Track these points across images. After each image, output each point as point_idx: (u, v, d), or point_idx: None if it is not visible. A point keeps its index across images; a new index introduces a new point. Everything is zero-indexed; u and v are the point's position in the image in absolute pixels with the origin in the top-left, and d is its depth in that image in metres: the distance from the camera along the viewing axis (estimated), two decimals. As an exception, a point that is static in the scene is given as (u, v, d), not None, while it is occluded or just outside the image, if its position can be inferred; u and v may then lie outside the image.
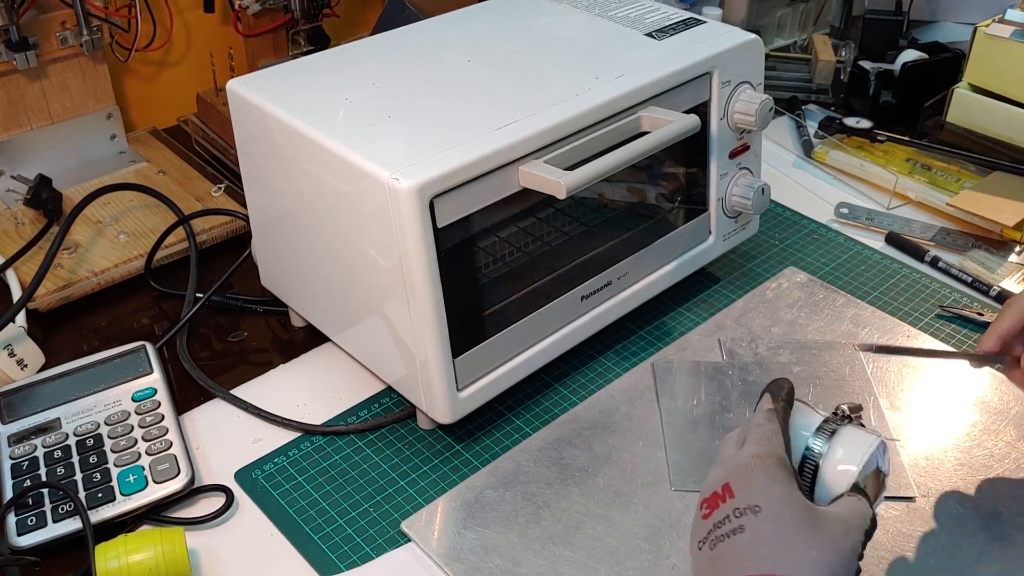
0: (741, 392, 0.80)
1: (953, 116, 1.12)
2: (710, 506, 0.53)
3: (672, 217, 0.85)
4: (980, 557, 0.66)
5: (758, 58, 0.84)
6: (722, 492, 0.53)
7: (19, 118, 1.00)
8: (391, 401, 0.80)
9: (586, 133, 0.73)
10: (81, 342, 0.87)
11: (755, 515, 0.50)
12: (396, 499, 0.72)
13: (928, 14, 1.39)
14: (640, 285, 0.83)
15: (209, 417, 0.79)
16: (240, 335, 0.88)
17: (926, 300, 0.91)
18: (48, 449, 0.73)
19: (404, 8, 1.06)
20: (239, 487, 0.73)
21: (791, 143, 1.17)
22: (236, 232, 0.98)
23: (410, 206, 0.64)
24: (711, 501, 0.53)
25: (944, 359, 0.83)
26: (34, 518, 0.68)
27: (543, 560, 0.66)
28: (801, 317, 0.88)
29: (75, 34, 0.99)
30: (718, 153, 0.84)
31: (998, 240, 0.98)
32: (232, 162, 1.07)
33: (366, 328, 0.75)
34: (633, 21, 0.86)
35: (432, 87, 0.76)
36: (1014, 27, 1.06)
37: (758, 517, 0.50)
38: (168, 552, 0.63)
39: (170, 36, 1.14)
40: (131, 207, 1.00)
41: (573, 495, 0.71)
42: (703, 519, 0.53)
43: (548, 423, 0.77)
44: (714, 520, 0.52)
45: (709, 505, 0.53)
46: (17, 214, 0.98)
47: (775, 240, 0.99)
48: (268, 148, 0.76)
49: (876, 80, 1.19)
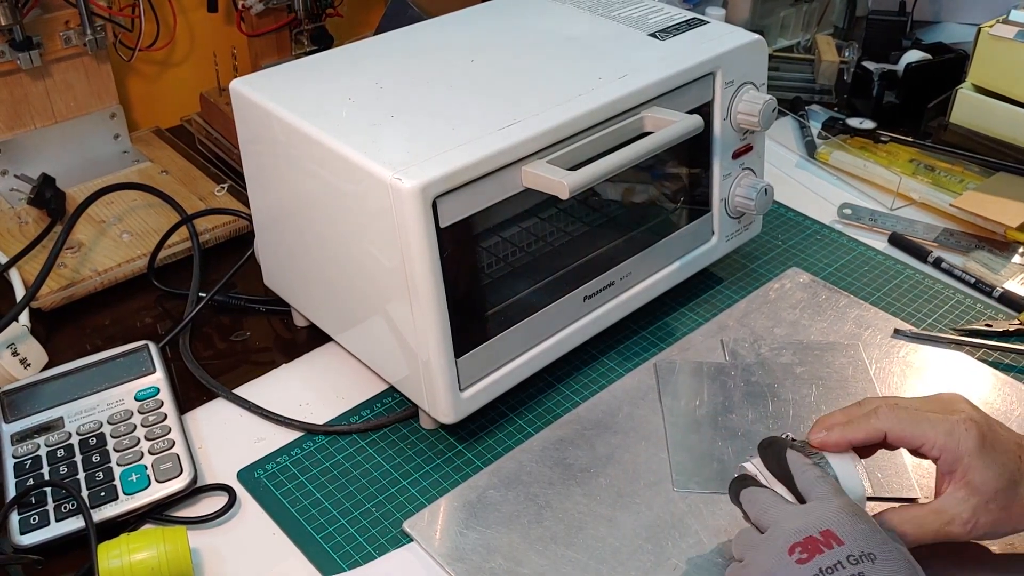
0: (744, 393, 0.80)
1: (957, 117, 1.12)
2: (808, 551, 0.54)
3: (675, 217, 0.85)
4: (981, 558, 0.66)
5: (761, 58, 0.84)
6: (823, 538, 0.54)
7: (23, 117, 1.00)
8: (393, 401, 0.80)
9: (589, 133, 0.73)
10: (84, 341, 0.88)
11: (872, 563, 0.53)
12: (398, 499, 0.72)
13: (932, 15, 1.39)
14: (643, 285, 0.83)
15: (212, 416, 0.79)
16: (243, 335, 0.88)
17: (929, 301, 0.91)
18: (51, 448, 0.73)
19: (407, 8, 1.06)
20: (241, 486, 0.73)
21: (794, 144, 1.17)
22: (239, 232, 0.99)
23: (413, 206, 0.64)
24: (808, 545, 0.54)
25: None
26: (37, 517, 0.68)
27: (545, 560, 0.66)
28: (804, 318, 0.88)
29: (79, 34, 0.99)
30: (721, 153, 0.84)
31: (1001, 241, 0.98)
32: (235, 162, 1.07)
33: (368, 328, 0.75)
34: (636, 21, 0.86)
35: (435, 87, 0.76)
36: (1018, 28, 1.06)
37: (875, 565, 0.53)
38: (170, 551, 0.63)
39: (174, 36, 1.15)
40: (134, 206, 1.00)
41: (575, 495, 0.71)
42: (798, 563, 0.54)
43: (550, 423, 0.77)
44: (819, 565, 0.53)
45: (807, 550, 0.54)
46: (20, 213, 0.98)
47: (778, 241, 0.99)
48: (271, 148, 0.76)
49: (879, 81, 1.19)
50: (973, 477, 0.59)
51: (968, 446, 0.59)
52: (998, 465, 0.59)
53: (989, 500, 0.59)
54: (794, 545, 0.54)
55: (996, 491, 0.59)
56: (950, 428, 0.60)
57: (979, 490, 0.59)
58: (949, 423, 0.60)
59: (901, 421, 0.61)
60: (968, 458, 0.59)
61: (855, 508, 0.56)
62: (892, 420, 0.61)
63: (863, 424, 0.61)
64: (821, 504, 0.57)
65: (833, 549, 0.53)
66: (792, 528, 0.55)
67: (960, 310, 0.90)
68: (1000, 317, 0.88)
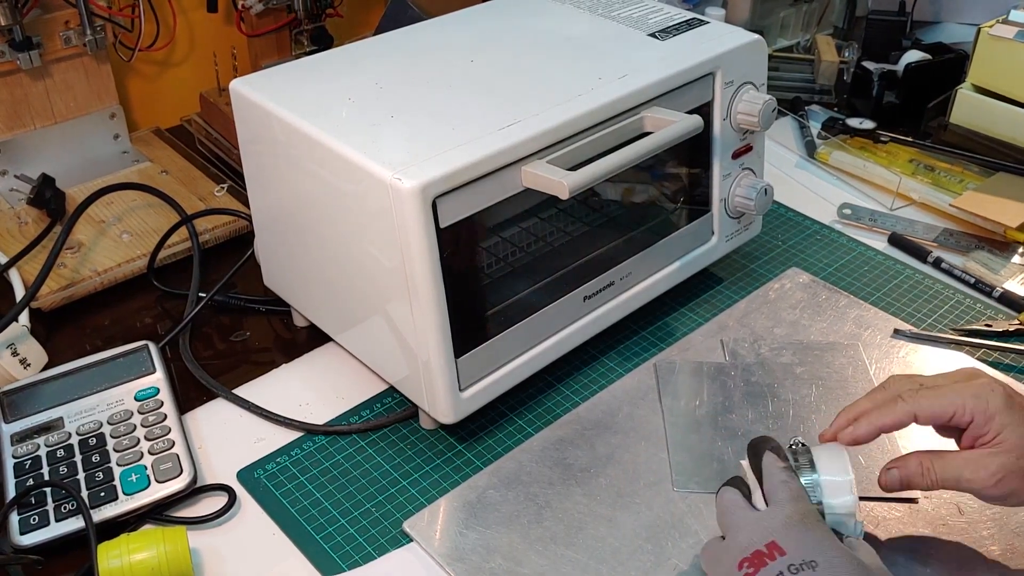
0: (744, 393, 0.80)
1: (956, 117, 1.12)
2: (754, 565, 0.54)
3: (675, 218, 0.85)
4: (982, 559, 0.66)
5: (761, 59, 0.84)
6: (767, 550, 0.55)
7: (23, 118, 1.00)
8: (393, 401, 0.80)
9: (589, 133, 0.73)
10: (84, 341, 0.88)
11: (812, 570, 0.53)
12: (398, 499, 0.72)
13: (931, 15, 1.39)
14: (643, 286, 0.83)
15: (211, 417, 0.79)
16: (243, 335, 0.88)
17: (929, 301, 0.91)
18: (51, 448, 0.73)
19: (407, 8, 1.06)
20: (241, 486, 0.73)
21: (794, 144, 1.17)
22: (239, 232, 0.99)
23: (413, 206, 0.64)
24: (755, 560, 0.55)
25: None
26: (37, 517, 0.68)
27: (545, 560, 0.66)
28: (804, 318, 0.88)
29: (79, 34, 0.99)
30: (721, 154, 0.84)
31: (1001, 241, 0.98)
32: (235, 162, 1.07)
33: (368, 328, 0.75)
34: (636, 21, 0.86)
35: (435, 87, 0.76)
36: (1018, 28, 1.06)
37: (816, 572, 0.53)
38: (170, 551, 0.63)
39: (173, 36, 1.15)
40: (134, 207, 1.00)
41: (575, 495, 0.71)
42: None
43: (550, 423, 0.77)
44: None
45: (753, 564, 0.55)
46: (20, 213, 0.98)
47: (778, 241, 0.99)
48: (271, 148, 0.76)
49: (879, 81, 1.19)
50: (1005, 433, 0.60)
51: (997, 404, 0.60)
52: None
53: (1020, 456, 0.60)
54: (742, 560, 0.55)
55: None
56: (976, 391, 0.61)
57: (1012, 446, 0.60)
58: (974, 387, 0.61)
59: (928, 398, 0.62)
60: (999, 416, 0.60)
61: (805, 515, 0.56)
62: (919, 400, 0.62)
63: (890, 410, 0.62)
64: (772, 512, 0.57)
65: (776, 560, 0.54)
66: (742, 542, 0.57)
67: (960, 310, 0.90)
68: (1000, 317, 0.88)
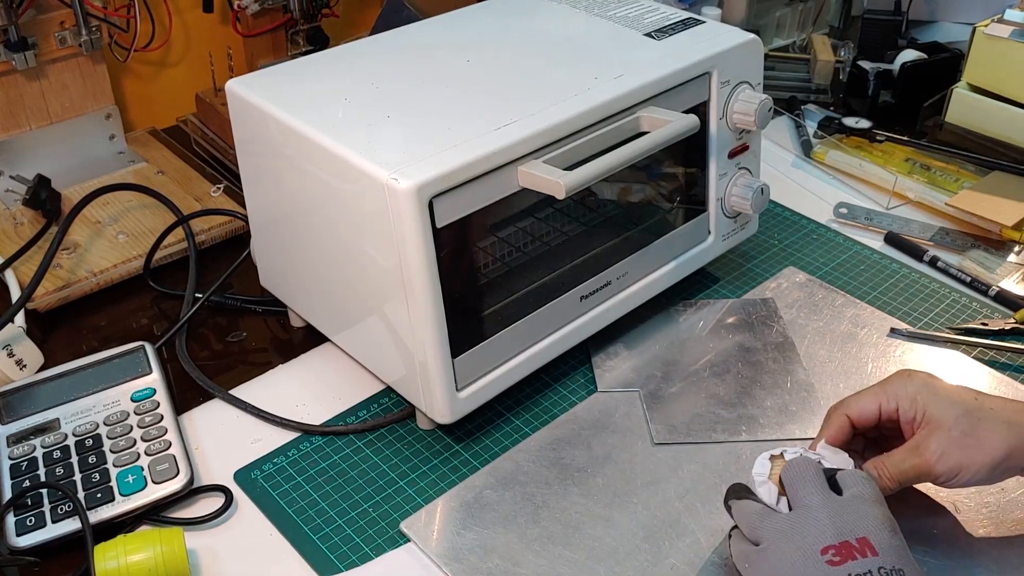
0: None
1: (952, 116, 1.12)
2: (841, 555, 0.54)
3: (671, 217, 0.85)
4: (982, 558, 0.66)
5: (757, 58, 0.84)
6: (859, 545, 0.55)
7: (18, 118, 1.00)
8: (390, 401, 0.80)
9: (585, 133, 0.73)
10: (80, 342, 0.87)
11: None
12: (395, 499, 0.72)
13: (927, 14, 1.39)
14: (639, 285, 0.83)
15: (208, 417, 0.79)
16: (239, 335, 0.88)
17: (925, 300, 0.91)
18: (47, 449, 0.73)
19: (403, 8, 1.06)
20: (238, 487, 0.73)
21: (790, 143, 1.17)
22: (235, 232, 0.98)
23: (409, 206, 0.64)
24: (842, 550, 0.55)
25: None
26: (33, 518, 0.68)
27: (542, 560, 0.66)
28: (800, 317, 0.88)
29: (74, 34, 0.99)
30: (717, 153, 0.84)
31: (997, 240, 0.98)
32: (231, 162, 1.07)
33: (365, 328, 0.75)
34: (632, 21, 0.86)
35: (431, 87, 0.76)
36: (1013, 27, 1.06)
37: None
38: (167, 552, 0.63)
39: (169, 36, 1.14)
40: (130, 207, 1.00)
41: (572, 495, 0.71)
42: (829, 564, 0.54)
43: (547, 423, 0.77)
44: (851, 571, 0.54)
45: (840, 554, 0.54)
46: (16, 214, 0.98)
47: (774, 240, 0.99)
48: (267, 148, 0.76)
49: (875, 80, 1.19)
50: (931, 411, 0.64)
51: (917, 386, 0.65)
52: (951, 399, 0.64)
53: (951, 428, 0.63)
54: (828, 547, 0.55)
55: (955, 418, 0.63)
56: (895, 381, 0.67)
57: (939, 422, 0.63)
58: (893, 381, 0.67)
59: (854, 399, 0.67)
60: (920, 396, 0.65)
61: (891, 518, 0.57)
62: (848, 404, 0.67)
63: (827, 423, 0.68)
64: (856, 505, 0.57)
65: (867, 558, 0.54)
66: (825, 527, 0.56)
67: (956, 309, 0.90)
68: (996, 316, 0.88)
